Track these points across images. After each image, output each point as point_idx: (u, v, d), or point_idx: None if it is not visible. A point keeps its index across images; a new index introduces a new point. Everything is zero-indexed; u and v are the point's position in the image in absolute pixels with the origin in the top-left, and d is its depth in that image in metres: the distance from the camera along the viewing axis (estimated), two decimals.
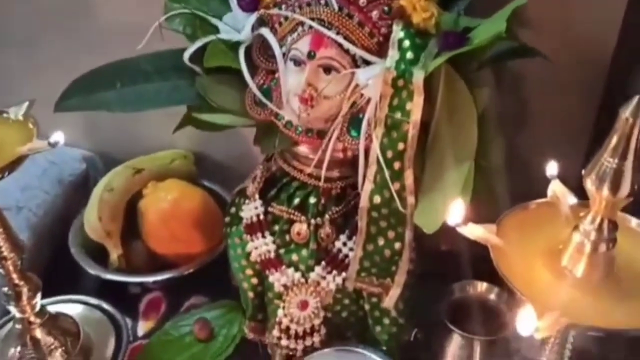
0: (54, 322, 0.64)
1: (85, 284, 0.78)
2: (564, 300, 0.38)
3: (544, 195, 0.46)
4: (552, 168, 0.45)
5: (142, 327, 0.74)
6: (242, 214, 0.66)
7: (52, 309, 0.66)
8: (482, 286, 0.66)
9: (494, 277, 0.67)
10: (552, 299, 0.37)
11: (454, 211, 0.42)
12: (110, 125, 0.91)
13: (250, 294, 0.67)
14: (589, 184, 0.37)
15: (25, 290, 0.60)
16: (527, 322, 0.35)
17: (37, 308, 0.62)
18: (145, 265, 0.77)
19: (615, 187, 0.37)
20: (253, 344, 0.71)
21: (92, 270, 0.75)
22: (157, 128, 0.89)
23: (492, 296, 0.66)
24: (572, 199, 0.44)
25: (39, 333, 0.62)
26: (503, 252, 0.41)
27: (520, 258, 0.41)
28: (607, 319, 0.36)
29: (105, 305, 0.72)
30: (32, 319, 0.62)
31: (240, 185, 0.70)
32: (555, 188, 0.45)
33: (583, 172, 0.38)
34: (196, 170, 0.86)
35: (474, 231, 0.42)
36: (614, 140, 0.36)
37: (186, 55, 0.60)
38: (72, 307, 0.71)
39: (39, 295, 0.62)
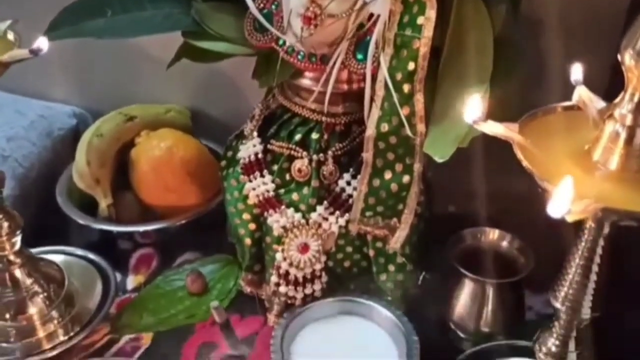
0: (35, 266, 0.60)
1: (73, 241, 0.74)
2: (597, 192, 0.34)
3: None
4: (576, 72, 0.41)
5: (132, 281, 0.70)
6: (239, 154, 0.62)
7: None
8: (494, 233, 0.62)
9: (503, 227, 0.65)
10: (584, 191, 0.33)
11: (472, 107, 0.38)
12: (104, 82, 0.87)
13: (248, 241, 0.63)
14: (627, 58, 0.33)
15: (5, 225, 0.56)
16: (559, 204, 0.31)
17: (17, 247, 0.58)
18: (136, 219, 0.73)
19: None
20: (249, 298, 0.67)
21: (80, 219, 0.70)
22: (152, 84, 0.86)
23: (504, 243, 0.62)
24: (600, 103, 0.40)
25: (18, 273, 0.58)
26: (527, 150, 0.37)
27: (546, 156, 0.37)
28: None
29: (92, 256, 0.67)
30: (11, 257, 0.58)
31: (237, 131, 0.66)
32: (582, 93, 0.41)
33: (619, 53, 0.35)
34: (192, 125, 0.82)
35: (494, 128, 0.38)
36: None
37: None
38: (57, 258, 0.67)
39: (19, 234, 0.58)
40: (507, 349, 0.58)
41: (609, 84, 0.46)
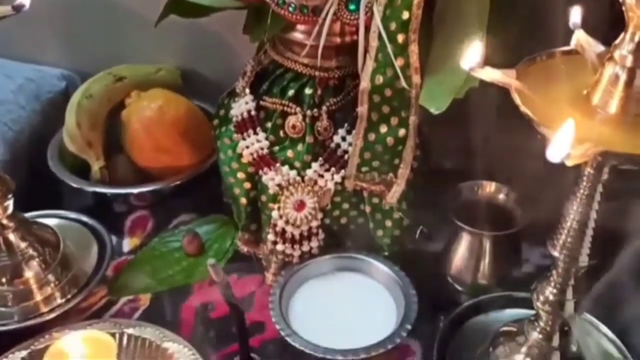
0: (29, 229, 0.60)
1: (66, 205, 0.73)
2: (596, 136, 0.34)
3: None
4: (575, 15, 0.40)
5: (128, 243, 0.69)
6: (231, 112, 0.61)
7: None
8: (490, 186, 0.62)
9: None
10: (583, 135, 0.32)
11: (471, 53, 0.37)
12: (92, 44, 0.86)
13: (243, 200, 0.63)
14: None
15: None
16: (559, 148, 0.30)
17: (9, 211, 0.57)
18: (130, 181, 0.72)
19: None
20: (246, 257, 0.67)
21: (73, 182, 0.70)
22: (140, 44, 0.84)
23: (501, 196, 0.61)
24: (598, 47, 0.39)
25: (12, 237, 0.58)
26: (525, 95, 0.36)
27: (544, 102, 0.36)
28: None
29: (86, 219, 0.67)
30: (4, 221, 0.57)
31: (229, 88, 0.65)
32: (580, 37, 0.40)
33: None
34: (182, 85, 0.81)
35: (492, 75, 0.37)
36: None
37: None
38: (50, 222, 0.66)
39: (10, 198, 0.57)
40: (505, 300, 0.58)
41: (607, 30, 0.45)
